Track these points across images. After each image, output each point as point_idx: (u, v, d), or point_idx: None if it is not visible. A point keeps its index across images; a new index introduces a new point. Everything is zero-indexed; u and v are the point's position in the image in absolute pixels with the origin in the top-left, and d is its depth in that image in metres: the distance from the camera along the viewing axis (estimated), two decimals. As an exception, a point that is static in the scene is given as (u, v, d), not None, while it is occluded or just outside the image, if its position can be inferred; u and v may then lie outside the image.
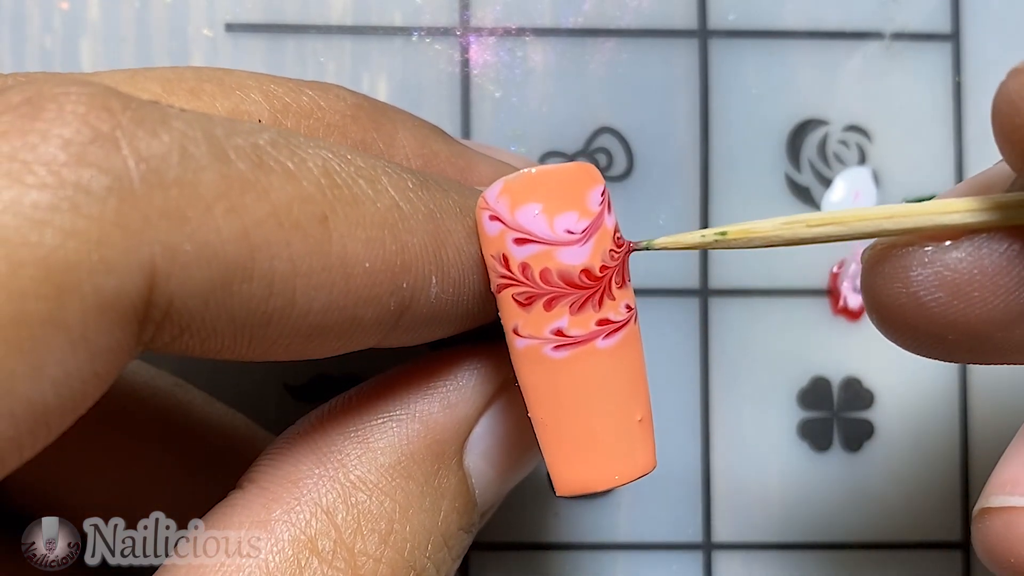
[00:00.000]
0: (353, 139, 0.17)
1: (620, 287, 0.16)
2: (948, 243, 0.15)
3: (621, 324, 0.16)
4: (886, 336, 0.16)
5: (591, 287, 0.16)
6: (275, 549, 0.15)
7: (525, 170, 0.15)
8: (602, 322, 0.16)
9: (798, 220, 0.15)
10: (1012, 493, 0.15)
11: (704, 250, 0.23)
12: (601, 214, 0.15)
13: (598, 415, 0.16)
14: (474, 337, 0.17)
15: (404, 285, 0.15)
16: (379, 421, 0.16)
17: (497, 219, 0.15)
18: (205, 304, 0.13)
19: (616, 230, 0.16)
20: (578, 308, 0.16)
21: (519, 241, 0.15)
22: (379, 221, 0.14)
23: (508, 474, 0.17)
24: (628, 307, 0.16)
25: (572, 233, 0.15)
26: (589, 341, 0.16)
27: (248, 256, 0.13)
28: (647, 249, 0.16)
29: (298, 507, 0.15)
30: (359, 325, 0.14)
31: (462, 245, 0.15)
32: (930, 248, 0.15)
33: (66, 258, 0.11)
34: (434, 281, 0.15)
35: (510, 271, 0.15)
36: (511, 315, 0.16)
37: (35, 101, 0.12)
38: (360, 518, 0.15)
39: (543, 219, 0.15)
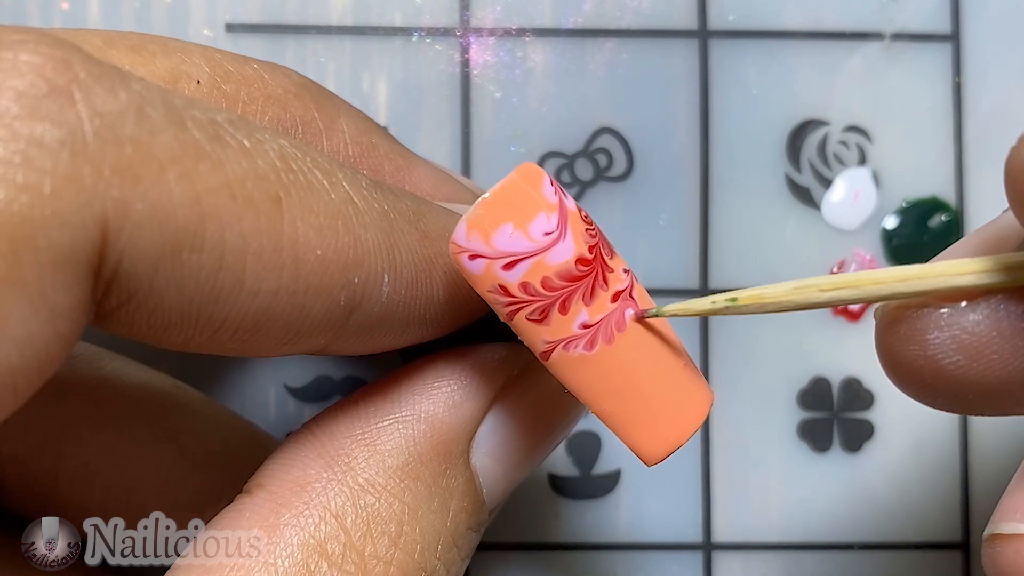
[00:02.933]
0: (293, 114, 0.17)
1: (611, 257, 0.16)
2: (964, 304, 0.15)
3: (629, 288, 0.16)
4: (904, 392, 0.16)
5: (589, 271, 0.16)
6: (284, 553, 0.15)
7: (480, 198, 0.15)
8: (615, 296, 0.16)
9: (811, 284, 0.15)
10: (1022, 521, 0.16)
11: (704, 247, 0.23)
12: (562, 202, 0.15)
13: (650, 380, 0.16)
14: (450, 345, 0.17)
15: (356, 279, 0.14)
16: (385, 423, 0.16)
17: (477, 256, 0.15)
18: (155, 269, 0.12)
19: (579, 208, 0.16)
20: (590, 296, 0.16)
21: (508, 266, 0.15)
22: (333, 211, 0.14)
23: (515, 472, 0.17)
24: (625, 270, 0.16)
25: (550, 233, 0.15)
26: (612, 321, 0.16)
27: (199, 224, 0.13)
28: (657, 316, 0.16)
29: (307, 511, 0.15)
30: (307, 318, 0.14)
31: (415, 247, 0.15)
32: (946, 310, 0.15)
33: (20, 212, 0.11)
34: (386, 280, 0.15)
35: (513, 296, 0.15)
36: (533, 334, 0.16)
37: None
38: (369, 521, 0.15)
39: (519, 234, 0.15)
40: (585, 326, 0.16)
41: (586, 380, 0.16)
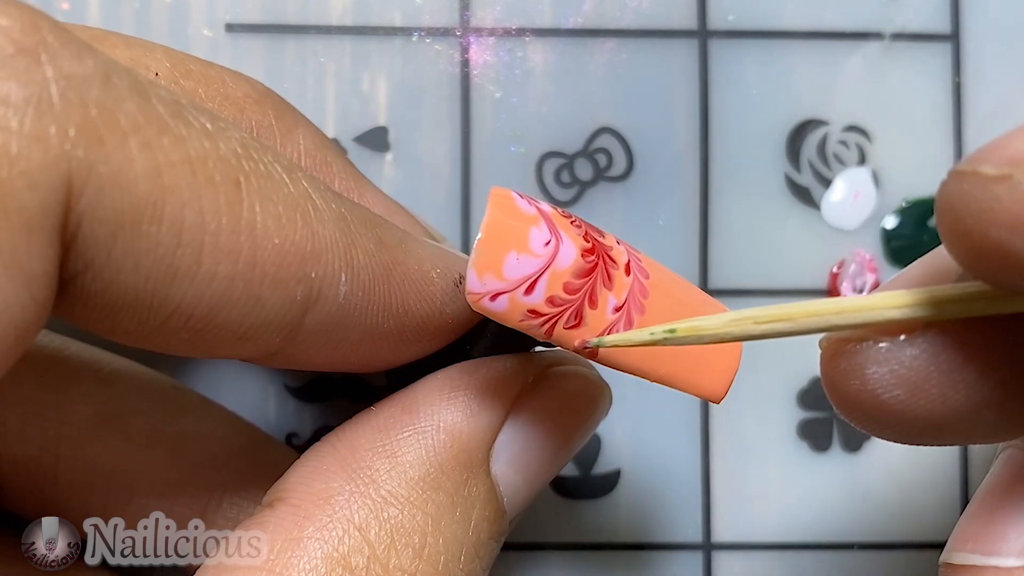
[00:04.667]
0: (249, 118, 0.17)
1: (603, 236, 0.16)
2: (903, 338, 0.15)
3: (628, 259, 0.16)
4: (851, 423, 0.16)
5: (596, 258, 0.16)
6: (308, 567, 0.15)
7: (476, 242, 0.15)
8: (626, 269, 0.16)
9: (746, 317, 0.15)
10: (973, 551, 0.16)
11: (703, 247, 0.23)
12: (540, 209, 0.16)
13: None
14: (440, 365, 0.17)
15: (313, 274, 0.14)
16: (405, 434, 0.16)
17: (498, 294, 0.15)
18: (113, 237, 0.12)
19: (553, 206, 0.16)
20: (608, 279, 0.16)
21: (528, 290, 0.15)
22: (292, 203, 0.14)
23: (535, 480, 0.17)
24: (618, 241, 0.16)
25: (549, 242, 0.15)
26: (637, 293, 0.16)
27: (159, 196, 0.13)
28: (598, 347, 0.16)
29: (330, 524, 0.15)
30: (262, 309, 0.14)
31: (372, 252, 0.15)
32: (884, 345, 0.15)
33: None
34: (343, 280, 0.15)
35: (545, 314, 0.15)
36: (576, 339, 0.16)
37: None
38: (393, 533, 0.15)
39: (525, 256, 0.15)
40: (617, 309, 0.16)
41: (638, 357, 0.16)
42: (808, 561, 0.23)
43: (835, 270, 0.23)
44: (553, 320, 0.15)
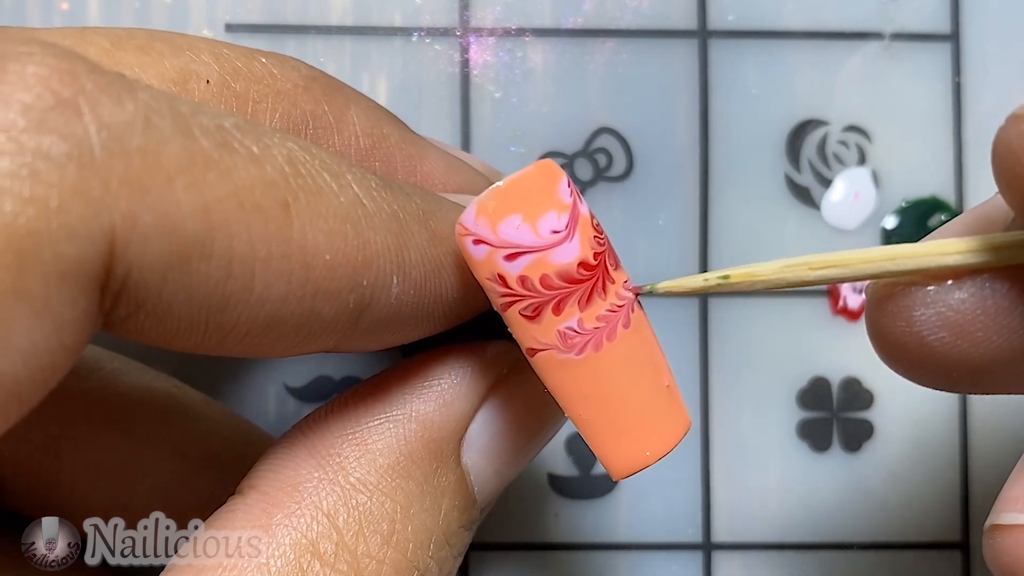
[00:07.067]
0: (303, 109, 0.17)
1: (615, 269, 0.16)
2: (950, 283, 0.15)
3: (627, 304, 0.16)
4: (892, 369, 0.16)
5: (591, 276, 0.15)
6: (277, 553, 0.15)
7: (494, 185, 0.15)
8: (612, 308, 0.16)
9: (801, 263, 0.15)
10: (1023, 511, 0.16)
11: (703, 247, 0.23)
12: (575, 204, 0.15)
13: (631, 395, 0.16)
14: (450, 339, 0.17)
15: (364, 282, 0.14)
16: (376, 422, 0.16)
17: (482, 242, 0.15)
18: (163, 279, 0.12)
19: (592, 215, 0.16)
20: (587, 302, 0.15)
21: (510, 257, 0.15)
22: (342, 214, 0.14)
23: (506, 470, 0.18)
24: (625, 281, 0.16)
25: (557, 232, 0.15)
26: (604, 331, 0.16)
27: (207, 233, 0.13)
28: (650, 294, 0.16)
29: (299, 511, 0.15)
30: (317, 321, 0.14)
31: (425, 248, 0.15)
32: (933, 288, 0.15)
33: (26, 226, 0.11)
34: (395, 281, 0.15)
35: (510, 288, 0.15)
36: (523, 330, 0.16)
37: None
38: (362, 520, 0.15)
39: (526, 227, 0.15)
40: (574, 331, 0.16)
41: (568, 383, 0.16)
42: (808, 561, 0.23)
43: (835, 270, 0.23)
44: (514, 299, 0.15)
